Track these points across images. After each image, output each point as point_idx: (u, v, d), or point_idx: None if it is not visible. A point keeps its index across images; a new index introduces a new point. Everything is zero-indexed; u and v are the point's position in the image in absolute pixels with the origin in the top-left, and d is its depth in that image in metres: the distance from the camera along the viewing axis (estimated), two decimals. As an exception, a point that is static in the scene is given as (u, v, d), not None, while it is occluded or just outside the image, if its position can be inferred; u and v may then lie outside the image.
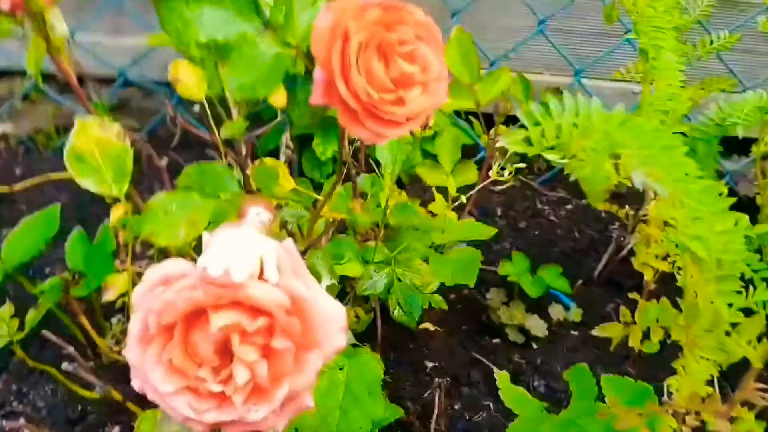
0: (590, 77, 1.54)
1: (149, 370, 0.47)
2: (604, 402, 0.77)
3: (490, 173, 0.98)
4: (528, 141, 0.50)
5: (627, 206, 1.23)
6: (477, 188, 0.98)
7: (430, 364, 1.03)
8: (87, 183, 0.57)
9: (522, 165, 0.96)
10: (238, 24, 0.57)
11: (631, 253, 1.29)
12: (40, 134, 1.55)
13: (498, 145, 0.46)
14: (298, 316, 0.47)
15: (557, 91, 0.83)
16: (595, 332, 0.98)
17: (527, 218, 1.38)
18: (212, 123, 0.79)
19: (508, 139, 0.45)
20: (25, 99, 1.62)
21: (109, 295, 0.70)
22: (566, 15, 1.55)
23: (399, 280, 0.79)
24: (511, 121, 1.02)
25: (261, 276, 0.48)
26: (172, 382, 0.47)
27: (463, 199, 0.94)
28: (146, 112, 1.57)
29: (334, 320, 0.50)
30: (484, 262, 1.18)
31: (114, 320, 1.04)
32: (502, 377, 0.81)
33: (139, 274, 0.74)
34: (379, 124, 0.54)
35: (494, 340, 1.07)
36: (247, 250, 0.47)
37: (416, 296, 0.78)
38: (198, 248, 0.54)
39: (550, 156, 0.50)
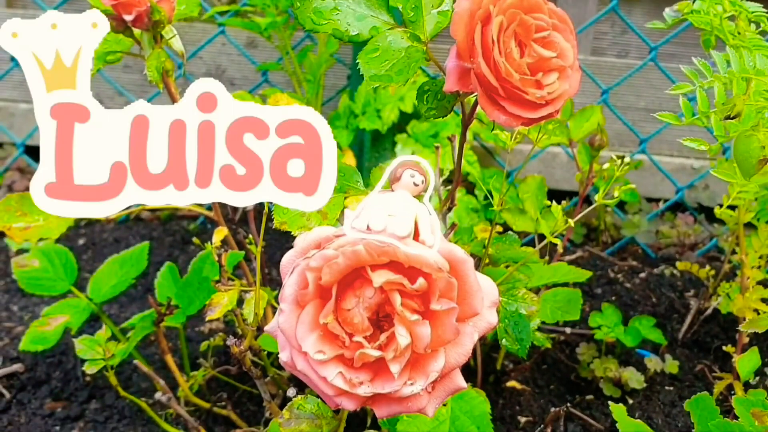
0: (651, 152, 1.54)
1: (302, 336, 0.45)
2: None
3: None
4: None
5: (708, 266, 1.20)
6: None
7: (523, 419, 0.98)
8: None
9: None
10: (370, 20, 0.58)
11: (714, 315, 1.25)
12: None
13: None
14: (456, 280, 0.45)
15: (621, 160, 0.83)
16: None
17: (602, 285, 1.35)
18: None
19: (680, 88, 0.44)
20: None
21: (214, 313, 0.68)
22: (622, 92, 1.59)
23: (504, 308, 0.76)
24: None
25: (416, 237, 0.46)
26: (326, 349, 0.45)
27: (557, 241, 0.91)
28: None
29: (488, 292, 0.48)
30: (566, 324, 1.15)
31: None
32: (617, 409, 0.76)
33: (245, 291, 0.72)
34: (516, 106, 0.54)
35: (587, 397, 1.02)
36: (404, 211, 0.46)
37: (525, 321, 0.75)
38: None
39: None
